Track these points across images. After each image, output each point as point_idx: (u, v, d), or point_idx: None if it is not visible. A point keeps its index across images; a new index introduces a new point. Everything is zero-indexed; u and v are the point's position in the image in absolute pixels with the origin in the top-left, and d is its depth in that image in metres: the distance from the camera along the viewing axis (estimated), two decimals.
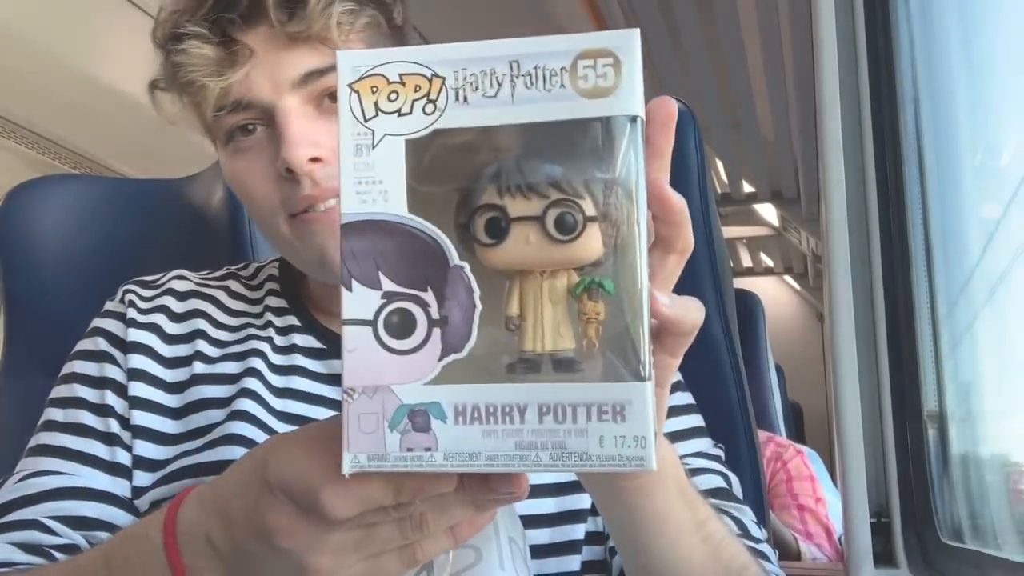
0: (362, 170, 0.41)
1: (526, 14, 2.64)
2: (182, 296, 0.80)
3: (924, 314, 1.11)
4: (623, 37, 0.40)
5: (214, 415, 0.73)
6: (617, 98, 0.40)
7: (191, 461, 0.72)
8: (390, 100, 0.41)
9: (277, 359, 0.77)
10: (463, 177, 0.41)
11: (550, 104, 0.40)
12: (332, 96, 0.68)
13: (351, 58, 0.42)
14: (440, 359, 0.40)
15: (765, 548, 0.73)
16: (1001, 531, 1.09)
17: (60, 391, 0.77)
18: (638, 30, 0.41)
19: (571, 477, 0.74)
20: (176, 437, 0.74)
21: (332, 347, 0.77)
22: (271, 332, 0.78)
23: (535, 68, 0.40)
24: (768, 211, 5.24)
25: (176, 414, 0.74)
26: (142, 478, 0.73)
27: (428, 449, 0.40)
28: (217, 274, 0.85)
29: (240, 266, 0.87)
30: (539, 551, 0.72)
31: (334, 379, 0.76)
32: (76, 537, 0.69)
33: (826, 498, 1.91)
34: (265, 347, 0.77)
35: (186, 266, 0.86)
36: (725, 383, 1.13)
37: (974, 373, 1.18)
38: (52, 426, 0.75)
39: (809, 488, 1.92)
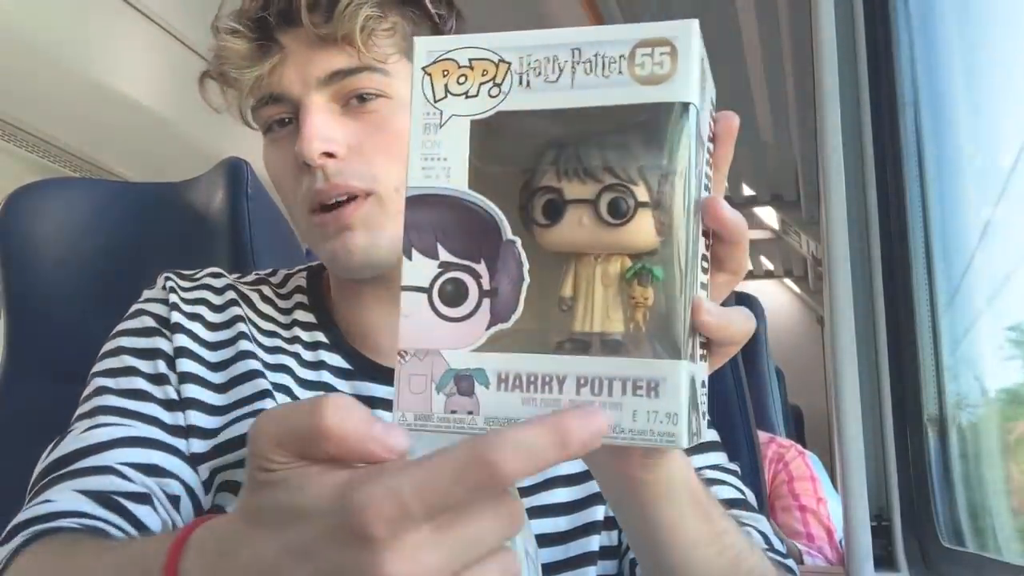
0: (429, 147, 0.43)
1: (525, 13, 2.64)
2: (219, 291, 0.82)
3: (924, 316, 1.11)
4: (681, 27, 0.41)
5: (260, 383, 0.75)
6: (672, 84, 0.41)
7: (240, 431, 0.73)
8: (459, 83, 0.43)
9: (305, 373, 0.79)
10: (524, 159, 0.42)
11: (607, 90, 0.41)
12: (360, 97, 0.73)
13: (427, 43, 0.44)
14: (487, 328, 0.42)
15: (791, 564, 0.73)
16: (1001, 534, 1.09)
17: (108, 363, 0.76)
18: (697, 21, 0.41)
19: (584, 493, 0.75)
20: (223, 408, 0.75)
21: (359, 368, 0.79)
22: (298, 348, 0.80)
23: (595, 56, 0.42)
24: (768, 214, 5.24)
25: (221, 388, 0.76)
26: (197, 445, 0.74)
27: (470, 412, 0.41)
28: (248, 279, 0.87)
29: (268, 272, 0.89)
30: (554, 567, 0.73)
31: (361, 400, 0.76)
32: (150, 484, 0.69)
33: (827, 499, 1.89)
34: (292, 362, 0.79)
35: (187, 269, 0.86)
36: (725, 386, 1.13)
37: (974, 375, 1.18)
38: (104, 391, 0.74)
39: (811, 488, 1.89)
